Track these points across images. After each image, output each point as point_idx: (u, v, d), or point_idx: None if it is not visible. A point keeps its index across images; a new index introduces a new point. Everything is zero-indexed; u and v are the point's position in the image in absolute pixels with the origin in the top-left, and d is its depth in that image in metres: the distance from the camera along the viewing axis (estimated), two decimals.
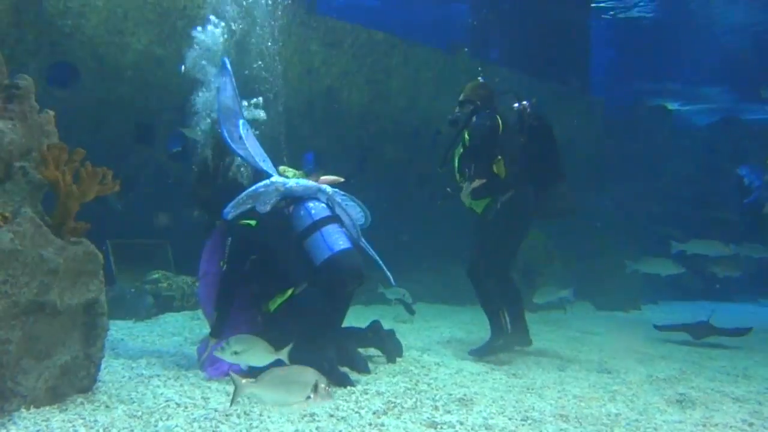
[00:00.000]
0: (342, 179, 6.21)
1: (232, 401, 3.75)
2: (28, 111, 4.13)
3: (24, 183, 3.99)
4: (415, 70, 12.92)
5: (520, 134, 6.75)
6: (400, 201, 11.89)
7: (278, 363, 4.26)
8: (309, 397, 3.48)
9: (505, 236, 6.67)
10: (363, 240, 5.99)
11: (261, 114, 6.52)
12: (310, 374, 3.54)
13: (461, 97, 6.95)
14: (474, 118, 6.67)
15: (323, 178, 6.07)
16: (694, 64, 26.37)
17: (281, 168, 6.06)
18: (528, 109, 6.83)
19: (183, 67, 6.35)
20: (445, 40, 14.35)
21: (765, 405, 4.86)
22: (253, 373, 4.95)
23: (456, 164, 6.81)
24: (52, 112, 4.32)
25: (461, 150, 6.75)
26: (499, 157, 6.49)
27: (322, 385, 3.51)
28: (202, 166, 5.96)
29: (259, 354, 4.44)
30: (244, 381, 3.64)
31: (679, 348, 7.79)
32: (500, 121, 6.58)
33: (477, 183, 6.43)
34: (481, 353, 6.34)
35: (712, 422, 4.25)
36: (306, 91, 11.39)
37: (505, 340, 6.46)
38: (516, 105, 6.89)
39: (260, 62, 8.68)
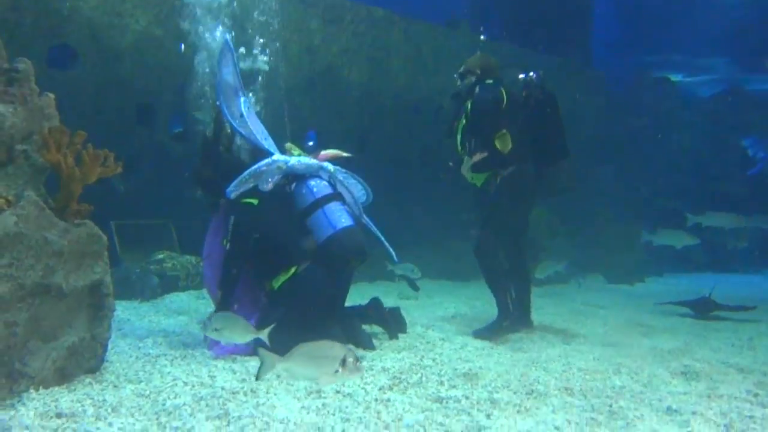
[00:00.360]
0: (345, 154, 6.20)
1: (259, 376, 3.81)
2: (29, 94, 4.13)
3: (26, 166, 4.00)
4: (416, 47, 12.85)
5: (524, 107, 6.52)
6: (402, 177, 11.89)
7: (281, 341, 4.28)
8: (338, 371, 3.53)
9: (507, 212, 6.49)
10: (365, 217, 5.99)
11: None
12: (338, 348, 3.59)
13: (461, 69, 6.74)
14: (477, 90, 6.46)
15: (324, 153, 6.07)
16: (697, 35, 26.18)
17: (287, 145, 6.06)
18: (534, 81, 6.57)
19: (182, 46, 6.34)
20: (445, 15, 14.25)
21: None
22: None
23: (459, 137, 6.65)
24: (52, 95, 4.31)
25: (464, 122, 6.58)
26: (504, 130, 6.31)
27: (351, 359, 3.56)
28: (205, 145, 5.95)
29: (238, 332, 4.52)
30: (273, 357, 3.71)
31: (683, 320, 7.81)
32: (504, 93, 6.37)
33: (478, 157, 6.33)
34: (486, 334, 6.16)
35: (717, 393, 4.27)
36: (306, 69, 11.35)
37: (511, 321, 6.38)
38: (522, 76, 6.65)
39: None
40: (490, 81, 6.49)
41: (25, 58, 4.25)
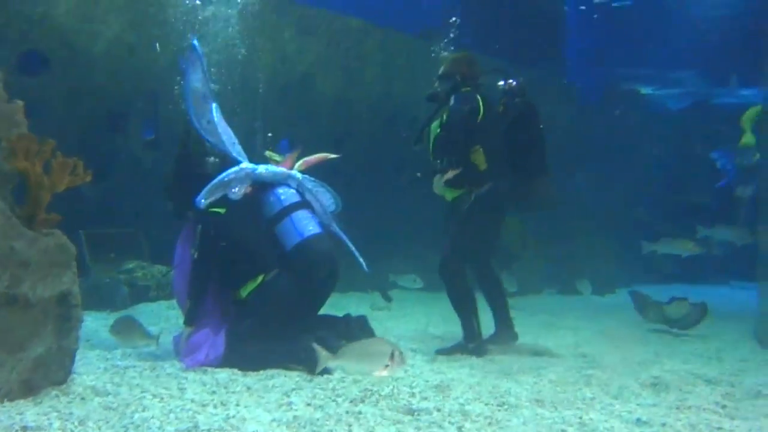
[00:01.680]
0: (331, 156, 6.18)
1: (315, 371, 4.27)
2: None
3: None
4: (390, 57, 12.89)
5: (503, 118, 6.16)
6: (375, 187, 11.89)
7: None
8: (387, 365, 3.69)
9: (477, 231, 6.11)
10: (335, 226, 5.96)
11: None
12: (386, 344, 3.78)
13: (440, 71, 6.30)
14: (452, 100, 5.99)
15: (308, 159, 6.04)
16: (666, 49, 26.51)
17: (267, 153, 6.04)
18: (514, 90, 6.19)
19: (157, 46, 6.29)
20: (420, 26, 14.31)
21: (737, 386, 4.92)
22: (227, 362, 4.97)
23: (432, 143, 6.24)
24: (21, 102, 4.25)
25: (438, 130, 6.16)
26: (478, 147, 5.95)
27: (398, 354, 3.73)
28: (177, 157, 5.93)
29: (133, 337, 5.41)
30: (326, 354, 3.86)
31: (653, 331, 7.87)
32: (481, 104, 5.96)
33: (451, 174, 5.92)
34: (449, 354, 5.88)
35: (686, 405, 4.30)
36: (280, 78, 11.33)
37: (477, 345, 5.94)
38: (501, 83, 6.25)
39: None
40: (468, 89, 6.06)
41: None
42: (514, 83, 6.19)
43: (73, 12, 9.10)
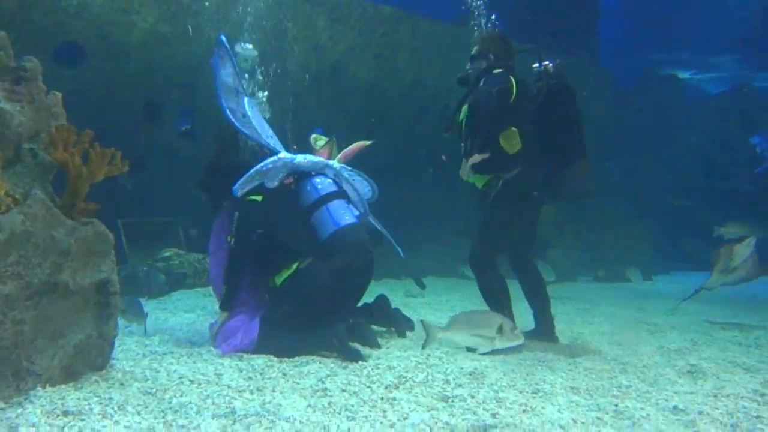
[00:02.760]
0: (367, 142, 6.20)
1: (424, 346, 4.24)
2: (36, 93, 4.14)
3: (33, 165, 4.01)
4: (423, 44, 12.84)
5: (538, 100, 5.83)
6: (409, 175, 11.88)
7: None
8: (495, 338, 3.68)
9: (507, 220, 5.74)
10: (371, 215, 6.00)
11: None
12: (495, 317, 3.75)
13: (473, 51, 5.96)
14: (481, 81, 5.69)
15: (347, 150, 6.07)
16: (705, 33, 26.09)
17: (313, 136, 6.08)
18: (550, 72, 5.87)
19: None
20: (453, 12, 14.23)
21: None
22: (262, 349, 5.02)
23: (463, 128, 5.86)
24: (59, 94, 4.32)
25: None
26: (513, 128, 5.56)
27: (508, 327, 3.67)
28: (215, 153, 6.01)
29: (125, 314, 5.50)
30: (435, 328, 3.90)
31: (690, 319, 7.79)
32: (515, 84, 5.59)
33: (478, 158, 5.52)
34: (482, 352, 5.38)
35: (724, 393, 4.25)
36: (313, 66, 11.36)
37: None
38: (536, 65, 5.92)
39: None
40: (500, 70, 5.70)
41: (32, 56, 4.26)
42: (551, 64, 5.88)
43: (109, 4, 9.20)
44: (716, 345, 6.11)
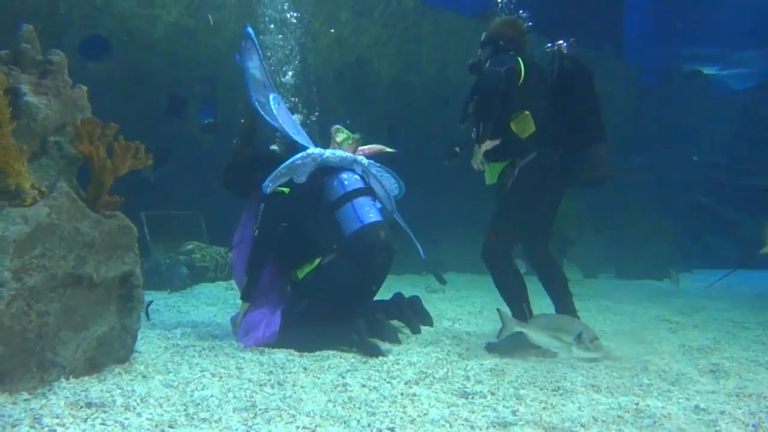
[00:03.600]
0: (388, 149, 6.20)
1: (499, 336, 4.30)
2: (62, 86, 4.18)
3: (59, 158, 4.06)
4: (445, 39, 12.81)
5: (551, 82, 5.50)
6: (431, 170, 11.86)
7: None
8: (572, 345, 3.63)
9: (525, 209, 5.43)
10: (396, 211, 6.00)
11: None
12: (577, 324, 3.69)
13: (483, 37, 5.72)
14: (488, 63, 5.40)
15: (366, 147, 6.07)
16: (731, 28, 25.82)
17: (335, 128, 6.08)
18: (565, 51, 5.53)
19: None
20: (476, 6, 14.17)
21: None
22: (279, 342, 5.05)
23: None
24: (85, 87, 4.36)
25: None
26: (525, 111, 5.27)
27: (587, 336, 3.63)
28: (243, 139, 6.02)
29: None
30: (513, 321, 3.88)
31: (712, 317, 7.72)
32: (523, 66, 5.29)
33: (489, 144, 5.28)
34: (501, 348, 5.13)
35: (746, 392, 4.21)
36: (336, 60, 11.37)
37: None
38: (549, 45, 5.60)
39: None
40: (511, 52, 5.41)
41: (58, 49, 4.30)
42: (564, 44, 5.53)
43: None
44: (739, 344, 6.05)
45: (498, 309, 4.08)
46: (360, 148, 6.04)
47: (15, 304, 3.36)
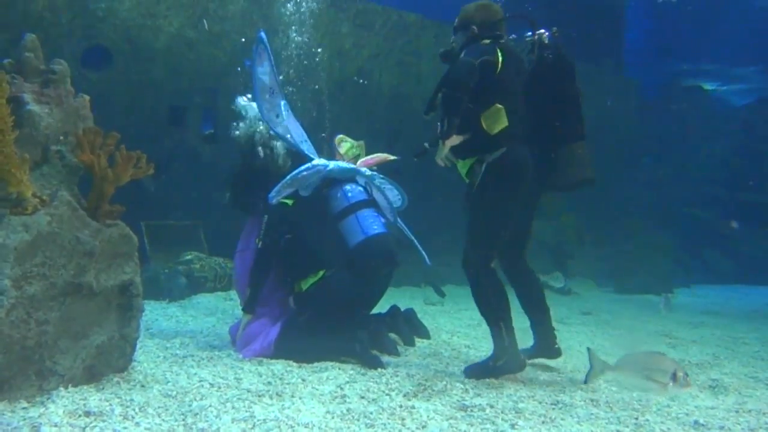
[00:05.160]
0: (391, 157, 6.20)
1: (587, 380, 4.15)
2: (64, 95, 4.19)
3: (60, 166, 4.06)
4: None
5: (530, 73, 5.00)
6: (432, 182, 11.88)
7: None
8: (668, 385, 3.57)
9: (498, 209, 4.79)
10: (399, 221, 6.00)
11: None
12: (668, 362, 3.62)
13: (455, 22, 5.19)
14: (463, 53, 4.86)
15: (369, 158, 6.08)
16: (730, 44, 25.92)
17: (338, 138, 6.08)
18: (546, 41, 4.99)
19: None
20: None
21: None
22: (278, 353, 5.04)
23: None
24: (87, 97, 4.37)
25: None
26: (498, 105, 4.74)
27: (681, 374, 3.58)
28: (248, 151, 6.01)
29: None
30: (603, 363, 3.99)
31: (712, 332, 7.72)
32: (501, 56, 4.77)
33: (456, 140, 4.74)
34: (478, 374, 4.69)
35: (745, 408, 4.22)
36: (336, 73, 11.40)
37: (506, 361, 4.68)
38: (529, 34, 5.04)
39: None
40: (487, 41, 4.86)
41: (61, 59, 4.31)
42: (546, 33, 5.01)
43: (136, 8, 9.31)
44: (738, 360, 6.05)
45: (588, 348, 4.02)
46: (362, 159, 6.05)
47: (15, 313, 3.35)
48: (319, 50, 10.26)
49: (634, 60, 22.14)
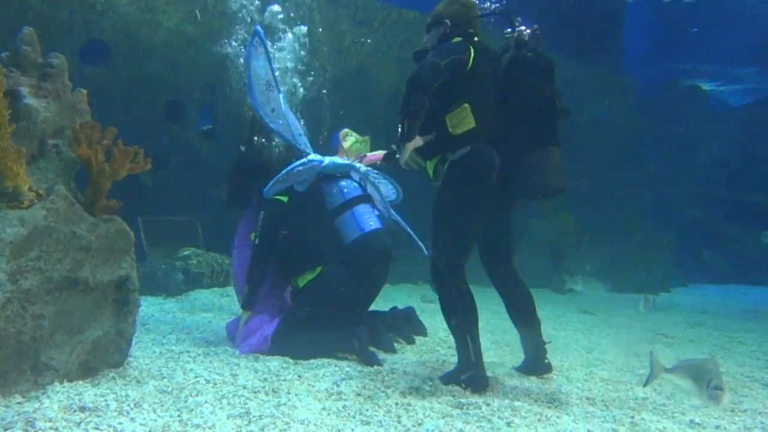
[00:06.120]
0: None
1: (647, 383, 4.05)
2: (62, 89, 4.17)
3: (57, 161, 4.04)
4: None
5: (505, 73, 4.60)
6: (429, 179, 11.89)
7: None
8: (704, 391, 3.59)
9: (460, 213, 4.47)
10: (393, 213, 6.01)
11: None
12: (714, 370, 3.62)
13: (428, 19, 4.93)
14: (431, 52, 4.57)
15: (373, 154, 6.08)
16: (729, 44, 25.92)
17: (343, 132, 6.08)
18: (525, 39, 4.62)
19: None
20: None
21: None
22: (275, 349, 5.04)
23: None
24: (84, 91, 4.35)
25: None
26: (465, 104, 4.46)
27: (713, 386, 3.59)
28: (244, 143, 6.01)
29: None
30: (660, 365, 3.92)
31: (708, 332, 7.72)
32: (473, 54, 4.47)
33: (420, 141, 4.47)
34: (447, 383, 4.35)
35: (741, 408, 4.22)
36: (336, 70, 11.38)
37: (471, 376, 4.30)
38: (508, 31, 4.69)
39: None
40: (459, 39, 4.59)
41: (59, 53, 4.30)
42: (527, 31, 4.64)
43: (135, 3, 9.28)
44: (734, 359, 6.05)
45: (651, 352, 4.01)
46: (367, 155, 6.06)
47: (10, 307, 3.35)
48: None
49: (633, 60, 22.14)
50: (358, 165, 5.79)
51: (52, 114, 4.04)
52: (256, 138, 5.93)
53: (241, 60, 6.66)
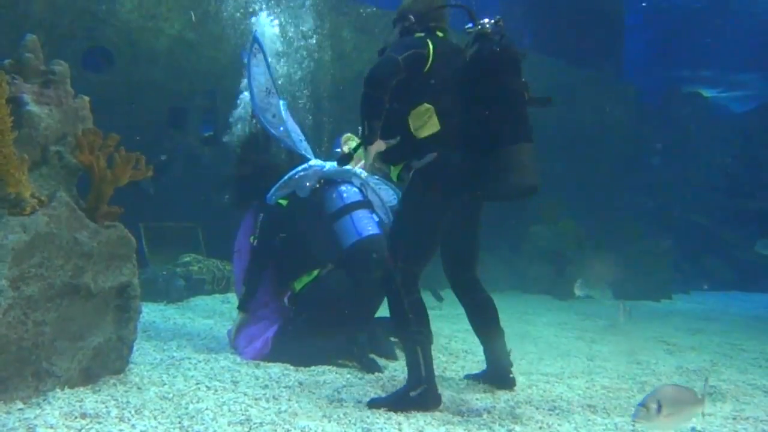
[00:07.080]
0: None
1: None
2: (64, 96, 4.19)
3: (59, 167, 4.06)
4: None
5: (468, 69, 4.10)
6: None
7: None
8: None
9: (421, 223, 4.26)
10: (393, 218, 6.02)
11: None
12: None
13: (394, 16, 4.68)
14: (389, 49, 4.33)
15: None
16: (730, 51, 25.94)
17: (345, 136, 6.09)
18: (489, 33, 4.10)
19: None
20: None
21: None
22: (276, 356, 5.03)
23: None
24: (87, 98, 4.37)
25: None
26: (427, 104, 4.21)
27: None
28: (248, 145, 6.03)
29: None
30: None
31: (710, 339, 7.71)
32: (432, 49, 4.20)
33: (382, 145, 4.21)
34: (389, 405, 3.92)
35: (743, 416, 4.21)
36: (337, 76, 11.40)
37: (422, 393, 3.94)
38: (469, 26, 4.21)
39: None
40: (421, 34, 4.36)
41: (61, 60, 4.31)
42: (490, 23, 4.16)
43: (137, 9, 9.31)
44: (736, 367, 6.04)
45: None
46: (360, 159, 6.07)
47: (12, 313, 3.35)
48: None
49: (634, 65, 22.16)
50: (358, 170, 5.80)
51: (54, 121, 4.05)
52: (257, 141, 5.97)
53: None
